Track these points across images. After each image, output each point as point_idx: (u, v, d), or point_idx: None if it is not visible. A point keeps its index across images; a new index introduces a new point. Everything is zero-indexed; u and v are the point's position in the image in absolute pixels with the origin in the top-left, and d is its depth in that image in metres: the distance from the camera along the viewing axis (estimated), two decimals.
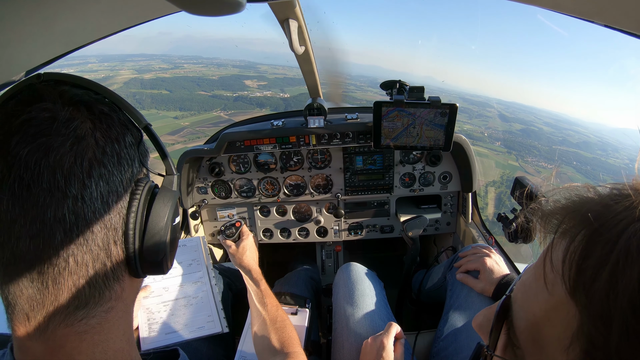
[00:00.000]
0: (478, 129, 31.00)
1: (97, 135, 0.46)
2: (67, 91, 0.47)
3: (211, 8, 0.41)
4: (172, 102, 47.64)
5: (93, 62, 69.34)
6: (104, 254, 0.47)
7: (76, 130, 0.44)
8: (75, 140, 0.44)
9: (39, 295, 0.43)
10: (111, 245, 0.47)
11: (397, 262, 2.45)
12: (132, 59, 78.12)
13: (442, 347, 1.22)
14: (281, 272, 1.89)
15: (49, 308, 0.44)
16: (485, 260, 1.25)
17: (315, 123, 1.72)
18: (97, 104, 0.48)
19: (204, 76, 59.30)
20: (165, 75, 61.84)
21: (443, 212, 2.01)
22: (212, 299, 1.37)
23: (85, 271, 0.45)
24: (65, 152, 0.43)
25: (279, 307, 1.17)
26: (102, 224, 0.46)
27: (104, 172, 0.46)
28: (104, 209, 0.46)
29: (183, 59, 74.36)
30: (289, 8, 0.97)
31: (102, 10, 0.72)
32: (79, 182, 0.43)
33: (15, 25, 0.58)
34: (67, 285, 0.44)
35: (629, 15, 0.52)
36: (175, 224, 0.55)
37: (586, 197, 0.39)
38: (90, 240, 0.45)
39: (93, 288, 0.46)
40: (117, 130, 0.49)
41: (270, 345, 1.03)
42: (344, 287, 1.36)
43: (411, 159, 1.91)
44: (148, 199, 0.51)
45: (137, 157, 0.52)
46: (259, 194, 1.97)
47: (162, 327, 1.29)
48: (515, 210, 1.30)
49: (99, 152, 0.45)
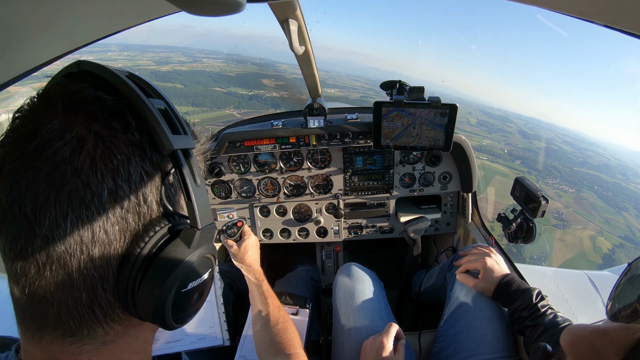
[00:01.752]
0: (498, 144, 30.50)
1: (84, 161, 0.36)
2: (77, 92, 0.38)
3: (211, 8, 0.41)
4: (186, 96, 46.72)
5: (113, 50, 68.47)
6: (87, 297, 0.39)
7: (57, 152, 0.35)
8: (53, 165, 0.35)
9: (30, 309, 0.40)
10: (98, 291, 0.40)
11: (397, 262, 2.45)
12: (153, 50, 76.77)
13: (442, 347, 1.22)
14: (281, 272, 1.89)
15: (38, 324, 0.41)
16: (485, 260, 1.25)
17: (315, 123, 1.72)
18: (106, 115, 0.38)
19: (221, 72, 58.15)
20: (182, 69, 60.85)
21: (443, 213, 2.01)
22: (215, 310, 1.34)
23: (64, 308, 0.39)
24: (40, 179, 0.35)
25: (280, 308, 1.16)
26: (83, 272, 0.38)
27: (86, 213, 0.36)
28: (86, 257, 0.38)
29: (203, 53, 73.03)
30: (289, 8, 0.97)
31: (102, 10, 0.72)
32: (50, 220, 0.36)
33: (16, 25, 0.58)
34: (51, 313, 0.39)
35: (629, 15, 0.52)
36: (187, 290, 0.44)
37: None
38: (68, 283, 0.38)
39: (79, 323, 0.40)
40: (121, 156, 0.38)
41: (272, 347, 1.03)
42: (344, 287, 1.36)
43: (411, 159, 1.91)
44: (153, 253, 0.41)
45: (155, 195, 0.42)
46: (259, 194, 1.97)
47: (163, 336, 1.28)
48: (515, 211, 1.30)
49: (81, 185, 0.36)
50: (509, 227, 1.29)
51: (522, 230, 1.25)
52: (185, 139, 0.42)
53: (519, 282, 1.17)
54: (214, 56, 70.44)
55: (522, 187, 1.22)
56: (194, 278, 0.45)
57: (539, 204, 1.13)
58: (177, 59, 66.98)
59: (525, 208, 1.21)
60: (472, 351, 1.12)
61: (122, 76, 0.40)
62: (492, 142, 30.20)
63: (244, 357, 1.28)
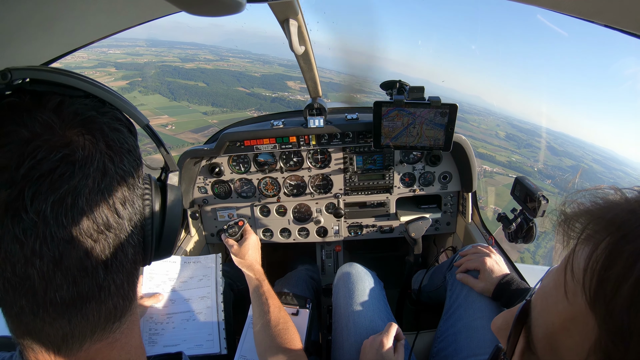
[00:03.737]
0: (527, 161, 29.52)
1: (105, 161, 0.42)
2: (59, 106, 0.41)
3: (211, 8, 0.41)
4: (207, 95, 45.98)
5: (141, 45, 68.09)
6: (131, 266, 0.46)
7: (97, 164, 0.41)
8: (100, 175, 0.41)
9: (77, 329, 0.42)
10: (137, 255, 0.47)
11: (397, 262, 2.45)
12: (181, 47, 76.04)
13: (441, 347, 1.22)
14: (281, 272, 1.89)
15: (85, 335, 0.43)
16: (485, 260, 1.25)
17: (315, 123, 1.72)
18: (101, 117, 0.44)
19: (246, 72, 57.32)
20: (207, 67, 60.13)
21: (443, 212, 2.01)
22: (215, 318, 1.33)
23: (122, 291, 0.45)
24: (94, 184, 0.40)
25: (281, 308, 1.16)
26: (127, 240, 0.45)
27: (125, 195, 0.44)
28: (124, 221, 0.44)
29: (231, 52, 72.12)
30: (289, 8, 0.97)
31: (102, 10, 0.72)
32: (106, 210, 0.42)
33: (16, 25, 0.58)
34: (108, 308, 0.44)
35: (629, 15, 0.52)
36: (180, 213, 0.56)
37: (613, 201, 0.36)
38: (124, 260, 0.44)
39: (128, 300, 0.47)
40: (128, 144, 0.46)
41: (273, 347, 1.03)
42: (344, 287, 1.36)
43: (411, 159, 1.91)
44: (159, 197, 0.51)
45: (139, 158, 0.49)
46: (259, 194, 1.97)
47: (162, 339, 1.28)
48: (515, 210, 1.31)
49: (118, 176, 0.43)
50: (509, 227, 1.29)
51: (522, 230, 1.25)
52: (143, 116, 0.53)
53: (519, 282, 1.17)
54: (241, 55, 69.26)
55: (522, 187, 1.22)
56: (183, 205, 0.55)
57: (538, 204, 1.13)
58: (204, 57, 66.07)
59: (525, 208, 1.21)
60: (471, 351, 1.12)
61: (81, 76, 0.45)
62: (522, 159, 29.31)
63: (244, 356, 1.28)
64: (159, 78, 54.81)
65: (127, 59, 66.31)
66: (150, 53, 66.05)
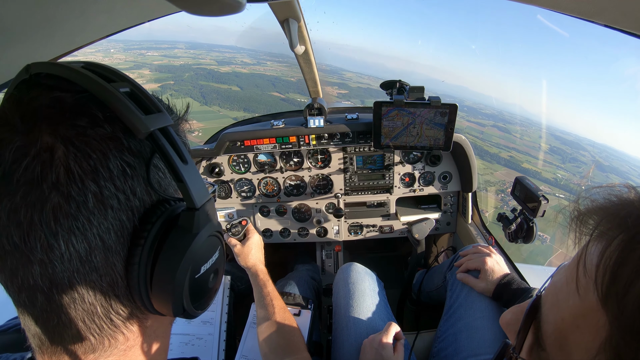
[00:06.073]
0: (573, 177, 28.45)
1: (58, 171, 0.33)
2: (32, 100, 0.35)
3: (211, 8, 0.41)
4: (239, 101, 44.42)
5: (180, 47, 67.18)
6: (102, 308, 0.38)
7: (27, 171, 0.32)
8: (27, 186, 0.32)
9: (45, 336, 0.39)
10: (111, 299, 0.39)
11: (397, 262, 2.45)
12: (219, 50, 75.03)
13: (442, 347, 1.22)
14: (281, 272, 1.89)
15: (57, 348, 0.40)
16: (486, 260, 1.25)
17: (315, 123, 1.72)
18: (68, 115, 0.35)
19: (282, 76, 55.53)
20: (242, 71, 58.88)
21: (443, 212, 2.01)
22: (216, 345, 1.28)
23: (82, 324, 0.38)
24: (19, 205, 0.33)
25: (285, 310, 1.15)
26: (91, 284, 0.37)
27: (76, 225, 0.34)
28: (89, 269, 0.36)
29: (270, 55, 70.04)
30: (289, 8, 0.97)
31: (102, 10, 0.72)
32: (41, 243, 0.33)
33: (16, 25, 0.58)
34: (69, 334, 0.38)
35: (629, 15, 0.52)
36: (201, 274, 0.42)
37: (627, 199, 0.36)
38: (79, 301, 0.37)
39: (99, 336, 0.39)
40: (97, 154, 0.35)
41: (278, 349, 1.02)
42: (344, 288, 1.36)
43: (411, 159, 1.91)
44: (156, 247, 0.39)
45: (144, 184, 0.39)
46: (259, 194, 1.97)
47: None
48: (515, 210, 1.31)
49: (62, 198, 0.33)
50: (509, 227, 1.29)
51: (522, 230, 1.25)
52: (161, 117, 0.38)
53: (519, 282, 1.17)
54: (279, 59, 67.49)
55: (522, 187, 1.22)
56: (205, 261, 0.42)
57: (539, 204, 1.13)
58: (241, 60, 64.58)
59: (525, 208, 1.21)
60: (472, 351, 1.11)
61: (77, 68, 0.36)
62: (568, 174, 28.39)
63: (245, 356, 1.28)
64: (191, 81, 53.68)
65: (164, 60, 65.69)
66: (187, 55, 65.23)
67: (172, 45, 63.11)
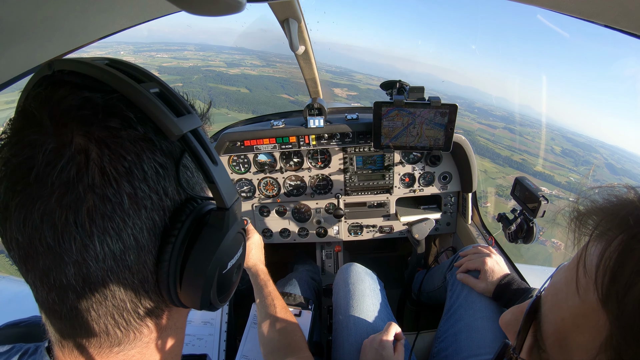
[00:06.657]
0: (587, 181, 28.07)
1: (93, 173, 0.33)
2: (61, 99, 0.34)
3: (211, 8, 0.41)
4: (248, 103, 44.11)
5: (190, 49, 67.10)
6: (131, 305, 0.39)
7: (63, 173, 0.32)
8: (62, 189, 0.33)
9: (70, 331, 0.40)
10: (140, 295, 0.40)
11: (397, 262, 2.44)
12: (229, 52, 74.48)
13: (442, 347, 1.22)
14: (281, 272, 1.89)
15: (82, 341, 0.40)
16: (486, 260, 1.25)
17: (315, 123, 1.72)
18: (101, 116, 0.34)
19: (291, 78, 54.40)
20: (251, 73, 58.47)
21: (443, 213, 2.01)
22: (217, 346, 1.28)
23: (111, 319, 0.39)
24: (53, 207, 0.33)
25: (287, 310, 1.14)
26: (123, 282, 0.38)
27: (111, 225, 0.35)
28: (121, 266, 0.37)
29: (279, 57, 69.44)
30: (289, 8, 0.97)
31: (103, 10, 0.72)
32: (76, 244, 0.34)
33: (16, 25, 0.58)
34: (96, 329, 0.39)
35: (629, 15, 0.52)
36: (228, 269, 0.44)
37: (626, 199, 0.36)
38: (110, 298, 0.38)
39: (125, 330, 0.40)
40: (131, 156, 0.35)
41: (281, 349, 1.02)
42: (344, 288, 1.36)
43: (411, 159, 1.91)
44: (187, 245, 0.40)
45: (175, 184, 0.39)
46: (259, 194, 1.97)
47: None
48: (515, 210, 1.30)
49: (98, 199, 0.34)
50: (509, 227, 1.29)
51: (522, 230, 1.25)
52: (191, 119, 0.39)
53: (519, 282, 1.17)
54: (288, 61, 67.47)
55: (522, 187, 1.22)
56: (232, 257, 0.44)
57: (539, 204, 1.13)
58: (250, 62, 63.96)
59: (525, 208, 1.21)
60: (472, 351, 1.11)
61: (103, 66, 0.36)
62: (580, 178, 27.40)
63: (246, 356, 1.28)
64: (200, 83, 53.29)
65: (173, 62, 65.06)
66: (197, 57, 64.80)
67: (182, 47, 63.03)
